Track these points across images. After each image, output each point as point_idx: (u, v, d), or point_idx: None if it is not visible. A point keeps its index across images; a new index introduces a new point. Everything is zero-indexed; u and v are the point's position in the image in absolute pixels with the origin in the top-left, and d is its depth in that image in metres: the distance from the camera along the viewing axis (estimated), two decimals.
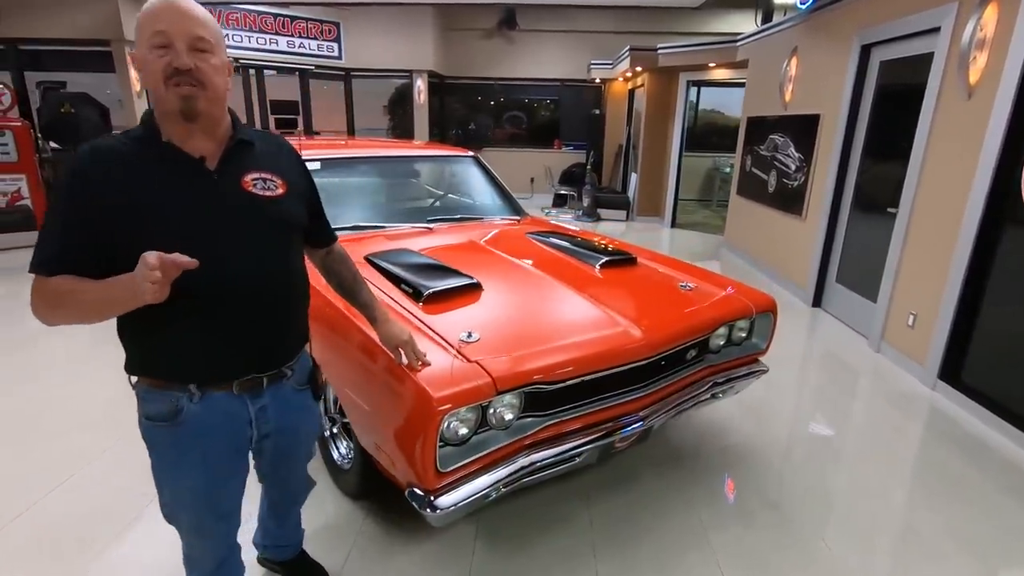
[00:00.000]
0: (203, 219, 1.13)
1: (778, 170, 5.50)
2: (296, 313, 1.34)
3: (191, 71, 1.07)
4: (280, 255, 1.26)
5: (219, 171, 1.16)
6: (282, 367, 1.30)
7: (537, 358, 1.71)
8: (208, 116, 1.13)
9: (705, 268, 2.68)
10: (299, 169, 1.34)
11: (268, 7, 8.17)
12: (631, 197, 8.94)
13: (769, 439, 2.77)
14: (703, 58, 7.17)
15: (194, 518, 1.30)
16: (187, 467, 1.22)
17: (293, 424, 1.38)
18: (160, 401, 1.18)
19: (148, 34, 1.06)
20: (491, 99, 11.30)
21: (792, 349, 4.02)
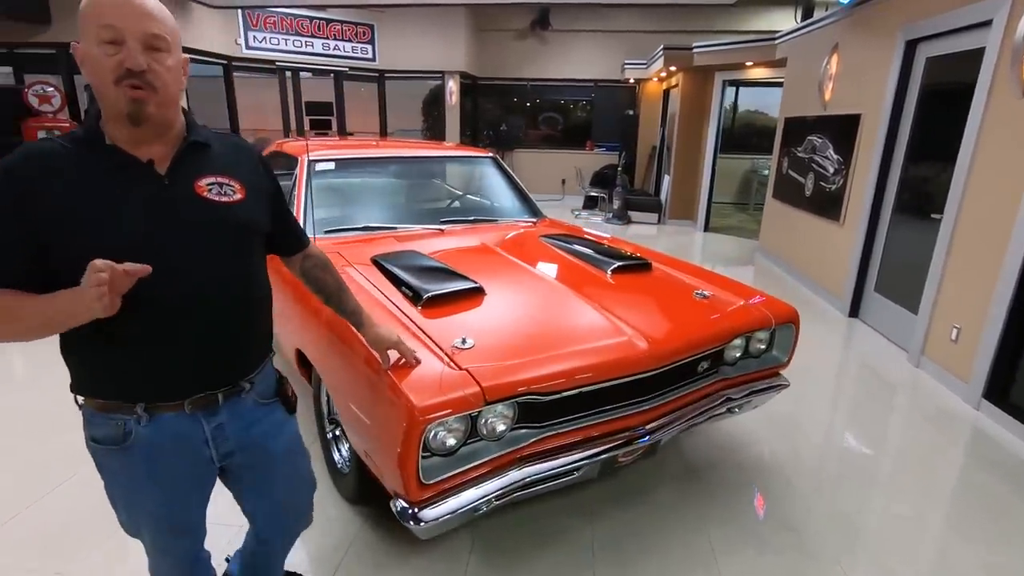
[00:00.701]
0: (152, 228, 1.03)
1: (816, 173, 5.26)
2: (255, 325, 1.24)
3: (144, 72, 0.98)
4: (238, 264, 1.16)
5: (170, 176, 1.07)
6: (239, 381, 1.20)
7: (532, 367, 1.64)
8: (158, 120, 1.04)
9: (728, 276, 2.54)
10: (261, 172, 1.24)
11: (304, 10, 8.33)
12: (663, 200, 8.73)
13: (793, 456, 2.63)
14: (740, 57, 6.93)
15: (153, 536, 1.24)
16: (140, 491, 1.16)
17: (260, 442, 1.26)
18: (106, 424, 1.10)
19: (95, 27, 0.97)
20: (523, 100, 11.24)
21: (825, 361, 3.82)
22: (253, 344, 1.24)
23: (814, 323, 4.51)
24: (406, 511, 1.48)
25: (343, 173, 3.00)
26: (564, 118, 11.41)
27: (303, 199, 2.76)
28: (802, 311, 4.61)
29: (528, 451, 1.69)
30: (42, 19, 6.71)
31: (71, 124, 6.62)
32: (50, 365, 1.14)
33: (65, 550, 1.93)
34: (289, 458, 1.36)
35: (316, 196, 2.82)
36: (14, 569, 1.85)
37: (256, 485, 1.32)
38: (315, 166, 2.90)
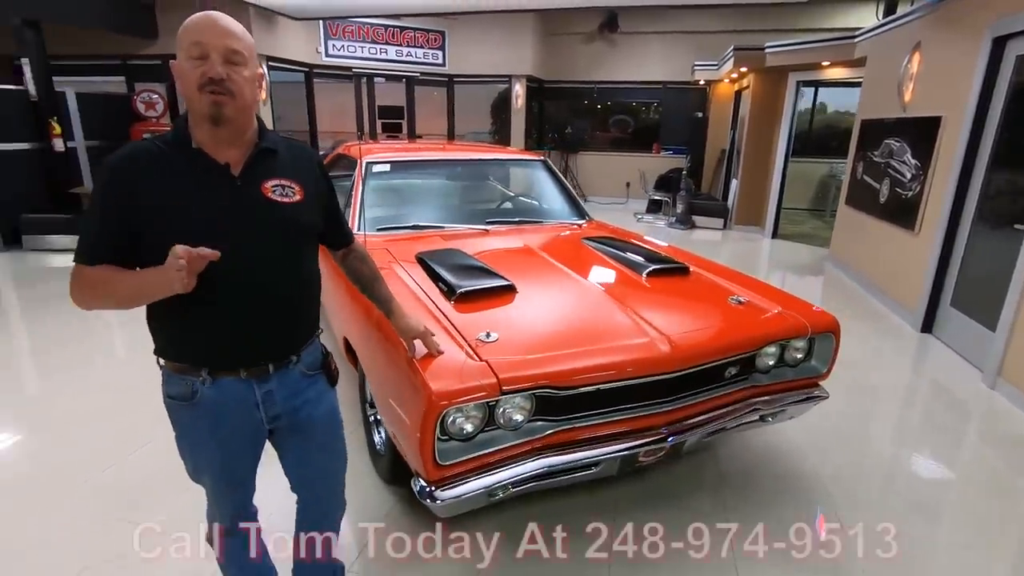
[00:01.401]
0: (224, 221, 1.21)
1: (892, 178, 4.96)
2: (305, 310, 1.40)
3: (223, 80, 1.15)
4: (293, 257, 1.33)
5: (242, 177, 1.24)
6: (288, 355, 1.36)
7: (549, 363, 1.71)
8: (235, 122, 1.21)
9: (771, 284, 2.49)
10: (318, 175, 1.41)
11: (380, 19, 8.74)
12: (730, 205, 8.47)
13: (838, 474, 2.51)
14: (816, 56, 6.62)
15: (211, 483, 1.42)
16: (203, 441, 1.34)
17: (304, 408, 1.42)
18: (179, 383, 1.29)
19: (186, 45, 1.16)
20: (590, 103, 11.23)
21: (892, 378, 3.61)
22: (302, 325, 1.40)
23: (883, 338, 4.28)
24: (424, 489, 1.60)
25: (397, 175, 3.18)
26: (631, 120, 11.29)
27: (359, 198, 2.96)
28: (870, 325, 4.48)
29: (546, 442, 1.76)
30: (150, 34, 7.47)
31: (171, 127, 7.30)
32: (145, 345, 1.34)
33: (143, 502, 2.20)
34: (327, 425, 1.50)
35: (371, 195, 3.01)
36: (103, 515, 2.13)
37: (297, 448, 1.47)
38: (371, 168, 3.09)
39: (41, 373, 3.41)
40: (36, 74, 6.14)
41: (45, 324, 4.08)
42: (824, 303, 5.11)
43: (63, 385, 3.20)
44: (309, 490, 1.57)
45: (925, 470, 2.63)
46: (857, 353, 3.95)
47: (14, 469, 2.44)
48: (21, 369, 3.47)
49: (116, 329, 4.09)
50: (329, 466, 1.56)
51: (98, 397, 3.04)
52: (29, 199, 6.27)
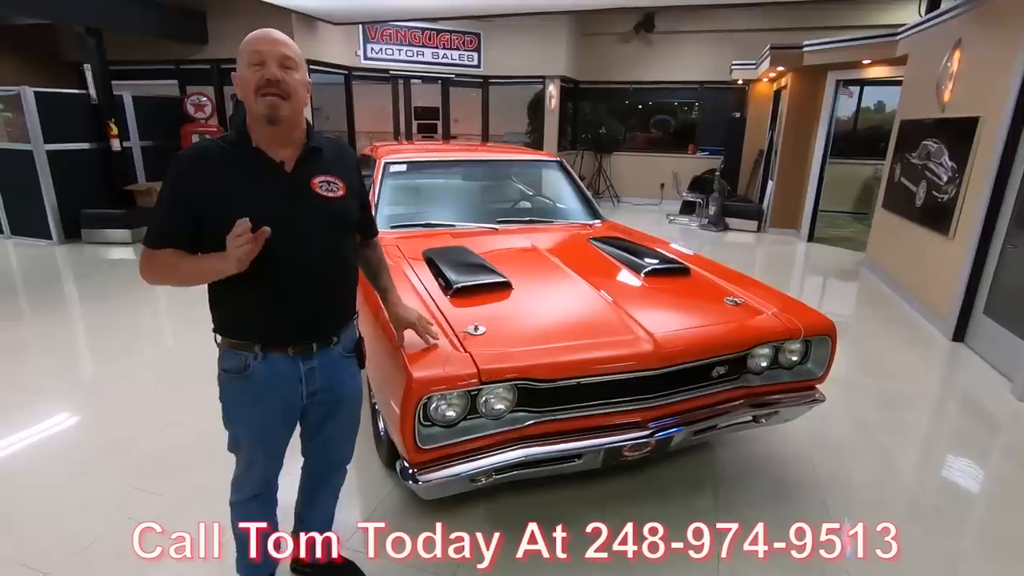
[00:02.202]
0: (279, 212, 1.35)
1: (928, 181, 4.79)
2: (346, 293, 1.56)
3: (279, 82, 1.31)
4: (336, 245, 1.48)
5: (293, 174, 1.40)
6: (330, 336, 1.51)
7: (531, 356, 1.78)
8: (288, 121, 1.36)
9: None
10: (356, 173, 1.56)
11: (418, 22, 8.95)
12: (765, 207, 8.29)
13: (844, 484, 2.46)
14: (856, 54, 6.42)
15: (250, 453, 1.55)
16: (249, 411, 1.47)
17: (337, 386, 1.56)
18: (233, 358, 1.43)
19: (247, 55, 1.33)
20: (626, 103, 11.17)
21: (918, 388, 3.50)
22: (343, 308, 1.56)
23: (912, 346, 4.15)
24: (406, 471, 1.70)
25: (413, 174, 3.31)
26: (672, 120, 11.17)
27: (376, 196, 3.10)
28: (900, 332, 4.35)
29: (527, 433, 1.84)
30: (201, 40, 7.88)
31: (218, 129, 7.70)
32: (189, 335, 1.51)
33: (168, 472, 2.40)
34: (353, 404, 1.66)
35: (387, 194, 3.15)
36: (124, 485, 2.33)
37: (322, 420, 1.60)
38: (389, 167, 3.23)
39: (96, 357, 3.69)
40: (97, 79, 6.59)
41: (102, 313, 4.41)
42: (855, 309, 5.08)
43: (114, 368, 3.46)
44: (320, 459, 1.72)
45: (947, 482, 2.55)
46: (885, 362, 3.86)
47: (67, 438, 2.69)
48: (79, 353, 3.77)
49: (165, 319, 4.38)
50: (341, 435, 1.70)
51: (143, 380, 3.29)
52: (88, 195, 6.73)
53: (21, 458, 2.53)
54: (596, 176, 10.79)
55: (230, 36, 7.73)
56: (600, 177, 10.76)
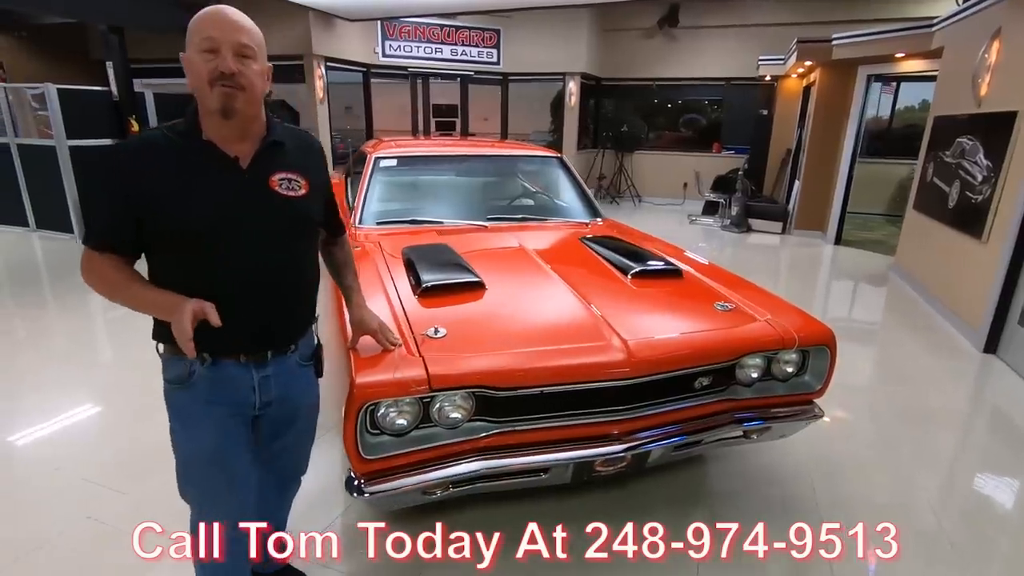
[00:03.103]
0: (230, 213, 1.22)
1: (961, 180, 4.48)
2: (304, 300, 1.42)
3: (235, 74, 1.16)
4: (296, 249, 1.35)
5: (250, 171, 1.25)
6: (288, 344, 1.39)
7: (489, 362, 1.66)
8: (244, 115, 1.21)
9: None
10: (323, 168, 1.43)
11: (436, 19, 8.89)
12: (791, 208, 7.96)
13: (844, 507, 2.26)
14: (888, 47, 6.09)
15: (205, 478, 1.35)
16: (198, 425, 1.32)
17: (294, 396, 1.45)
18: (177, 366, 1.29)
19: (198, 39, 1.16)
20: (649, 100, 10.91)
21: (943, 400, 3.26)
22: (302, 314, 1.43)
23: (939, 356, 3.88)
24: (351, 481, 1.59)
25: (404, 170, 3.21)
26: (692, 118, 10.87)
27: (363, 192, 3.01)
28: (927, 342, 4.08)
29: (487, 444, 1.71)
30: None
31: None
32: None
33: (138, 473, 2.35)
34: (309, 416, 1.56)
35: (376, 189, 3.06)
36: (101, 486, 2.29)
37: (276, 433, 1.48)
38: (379, 163, 3.14)
39: (116, 349, 3.73)
40: (118, 76, 6.71)
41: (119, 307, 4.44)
42: (880, 316, 4.79)
43: (129, 360, 3.46)
44: (273, 471, 1.59)
45: (968, 511, 2.32)
46: (909, 373, 3.63)
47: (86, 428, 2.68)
48: (97, 346, 3.82)
49: None
50: (297, 447, 1.60)
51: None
52: None
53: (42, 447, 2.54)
54: (617, 175, 10.56)
55: None
56: (621, 176, 10.53)
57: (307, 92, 7.90)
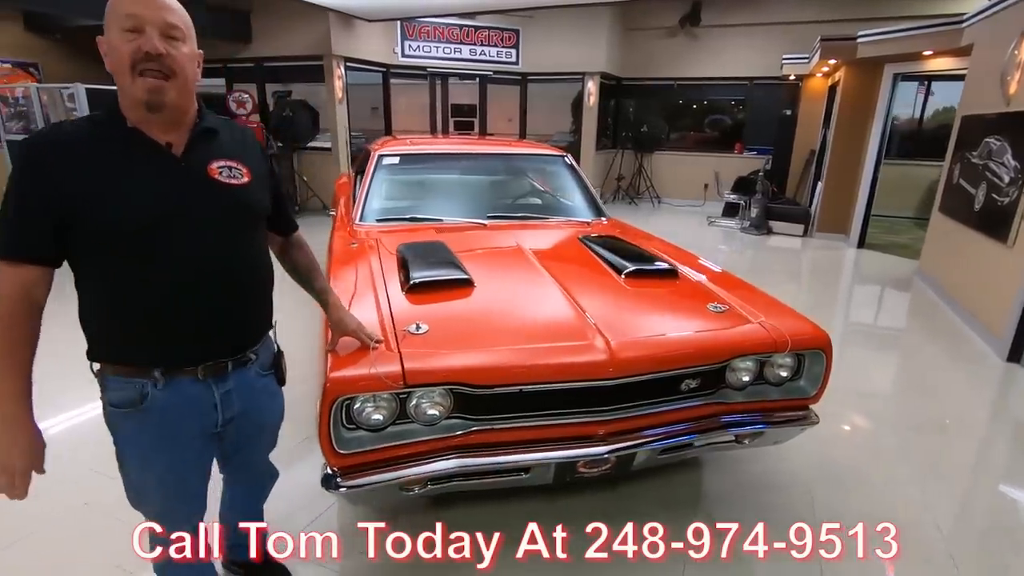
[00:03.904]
0: (168, 205, 1.11)
1: (988, 182, 4.31)
2: (259, 298, 1.33)
3: (162, 56, 1.05)
4: (243, 241, 1.25)
5: (185, 158, 1.14)
6: (247, 351, 1.30)
7: (466, 359, 1.64)
8: (175, 107, 1.11)
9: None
10: (262, 158, 1.34)
11: (455, 19, 8.92)
12: (813, 210, 7.77)
13: (841, 520, 2.17)
14: (915, 45, 5.89)
15: (161, 502, 1.29)
16: (153, 453, 1.21)
17: (257, 408, 1.38)
18: (125, 388, 1.16)
19: (118, 17, 1.05)
20: (670, 100, 10.76)
21: (961, 410, 3.14)
22: (255, 314, 1.33)
23: (959, 365, 3.74)
24: (326, 475, 1.59)
25: (407, 167, 3.22)
26: (714, 119, 10.70)
27: (365, 189, 3.03)
28: (947, 349, 3.95)
29: (469, 441, 1.70)
30: (245, 39, 8.13)
31: (257, 124, 7.92)
32: None
33: None
34: (274, 428, 1.53)
35: (378, 187, 3.07)
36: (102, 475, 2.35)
37: (238, 446, 1.43)
38: (382, 160, 3.15)
39: None
40: None
41: None
42: (900, 321, 4.64)
43: None
44: (240, 481, 1.61)
45: (976, 530, 2.22)
46: (927, 380, 3.54)
47: None
48: None
49: None
50: (262, 459, 1.59)
51: None
52: None
53: None
54: (636, 176, 10.45)
55: (272, 35, 7.94)
56: (640, 177, 10.41)
57: (326, 91, 7.99)
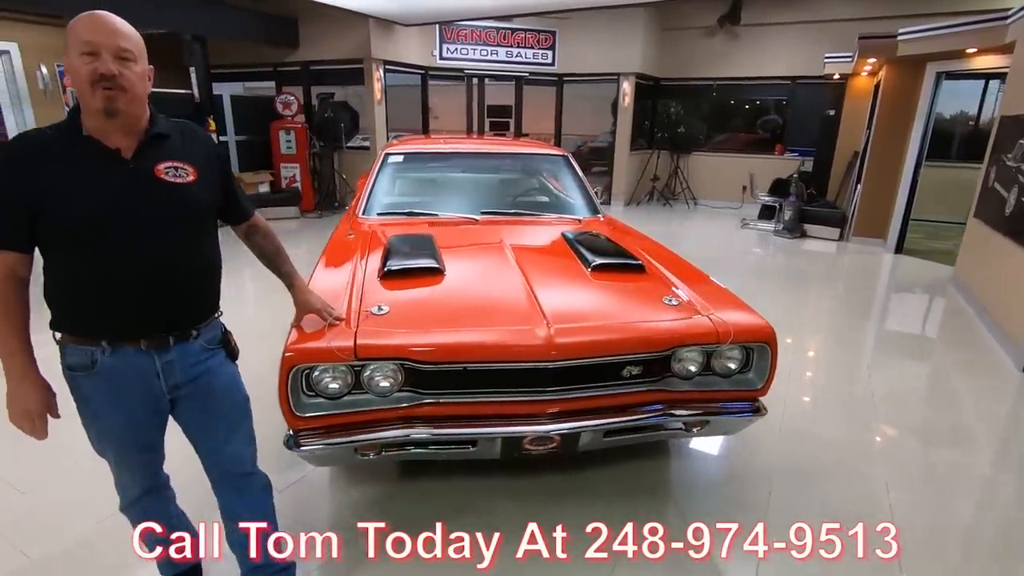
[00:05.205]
0: (118, 203, 1.28)
1: (1020, 185, 4.12)
2: (203, 287, 1.48)
3: (115, 76, 1.23)
4: (188, 235, 1.40)
5: (134, 161, 1.31)
6: (188, 330, 1.43)
7: (414, 336, 1.81)
8: (127, 114, 1.28)
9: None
10: (212, 156, 1.49)
11: (493, 22, 9.13)
12: (851, 213, 7.52)
13: (789, 516, 2.20)
14: (957, 42, 5.64)
15: (118, 452, 1.47)
16: (105, 410, 1.39)
17: (204, 377, 1.48)
18: (78, 354, 1.34)
19: (78, 43, 1.22)
20: (709, 101, 10.60)
21: (962, 419, 3.08)
22: (198, 303, 1.47)
23: (972, 374, 3.64)
24: (288, 437, 1.80)
25: (411, 165, 3.43)
26: (754, 119, 10.47)
27: (369, 185, 3.26)
28: (966, 357, 3.88)
29: (422, 413, 1.87)
30: (293, 44, 8.61)
31: (302, 125, 8.38)
32: None
33: None
34: (228, 394, 1.56)
35: (381, 183, 3.29)
36: None
37: (198, 416, 1.52)
38: (387, 158, 3.37)
39: None
40: (199, 81, 7.45)
41: None
42: (923, 328, 4.53)
43: None
44: (218, 469, 1.60)
45: (991, 543, 2.20)
46: (934, 388, 3.50)
47: None
48: None
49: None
50: (231, 436, 1.58)
51: None
52: None
53: None
54: (672, 177, 10.36)
55: (318, 40, 8.38)
56: (676, 178, 10.32)
57: (366, 93, 8.37)
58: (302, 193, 8.48)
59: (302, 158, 8.44)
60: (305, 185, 8.53)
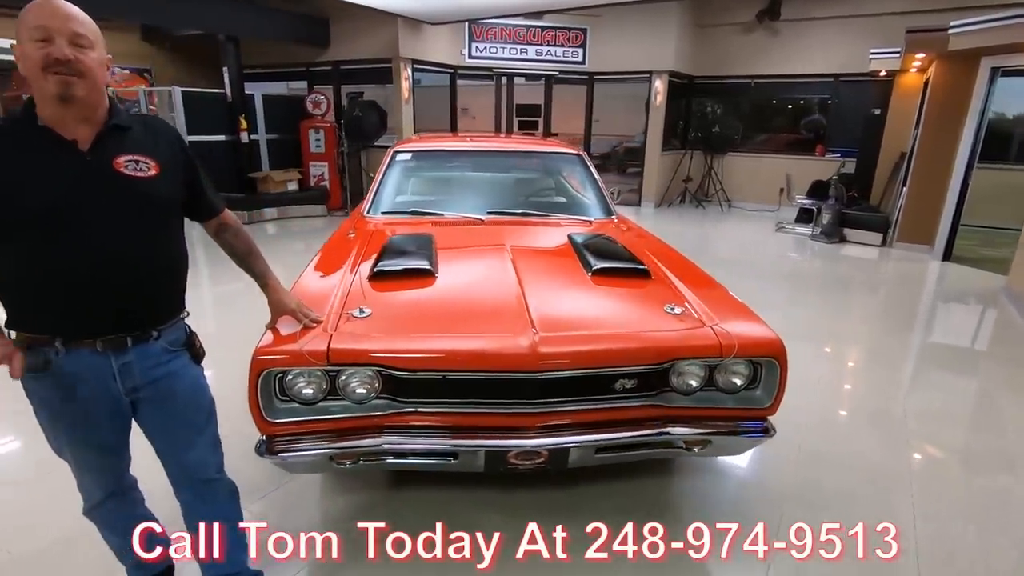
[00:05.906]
0: (73, 196, 1.23)
1: None
2: (164, 286, 1.41)
3: (70, 61, 1.18)
4: (147, 232, 1.34)
5: (91, 152, 1.26)
6: (146, 330, 1.37)
7: (390, 342, 1.72)
8: (84, 102, 1.23)
9: (744, 304, 2.09)
10: (177, 150, 1.43)
11: (523, 19, 9.02)
12: (894, 217, 7.11)
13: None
14: (1015, 35, 5.24)
15: (76, 455, 1.43)
16: (61, 411, 1.36)
17: (165, 380, 1.42)
18: (32, 354, 1.28)
19: (29, 29, 1.17)
20: (748, 99, 10.22)
21: (1006, 444, 2.82)
22: (160, 301, 1.41)
23: (1018, 393, 3.32)
24: (260, 443, 1.73)
25: (420, 164, 3.35)
26: (793, 118, 10.05)
27: (376, 183, 3.20)
28: (1012, 375, 3.46)
29: (396, 421, 1.78)
30: (324, 44, 8.70)
31: (331, 124, 8.46)
32: None
33: None
34: (190, 397, 1.49)
35: (389, 181, 3.23)
36: None
37: (159, 420, 1.47)
38: (396, 157, 3.31)
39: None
40: (232, 80, 7.59)
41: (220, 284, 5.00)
42: (968, 341, 4.25)
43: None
44: (178, 469, 1.54)
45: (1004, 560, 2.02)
46: (979, 407, 3.25)
47: None
48: None
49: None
50: (195, 439, 1.52)
51: None
52: (219, 182, 7.72)
53: None
54: (705, 179, 10.04)
55: (348, 39, 8.45)
56: (709, 179, 9.99)
57: (394, 92, 8.38)
58: (330, 192, 8.56)
59: (330, 157, 8.53)
60: (333, 183, 8.61)
